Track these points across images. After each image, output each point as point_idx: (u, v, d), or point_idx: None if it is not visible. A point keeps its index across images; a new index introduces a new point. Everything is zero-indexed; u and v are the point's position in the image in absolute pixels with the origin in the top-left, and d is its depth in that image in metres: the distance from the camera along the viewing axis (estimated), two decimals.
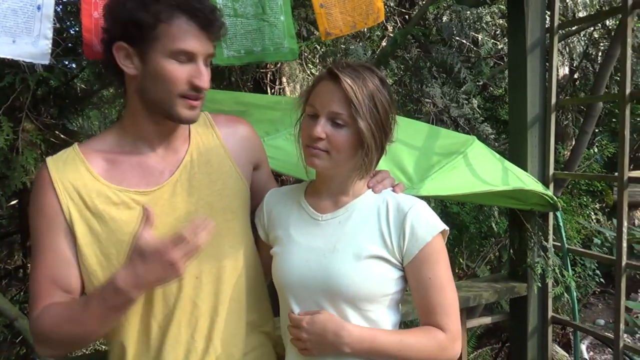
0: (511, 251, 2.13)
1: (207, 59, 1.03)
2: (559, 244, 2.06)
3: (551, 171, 2.03)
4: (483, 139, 2.60)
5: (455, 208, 3.20)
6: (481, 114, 2.93)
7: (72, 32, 2.12)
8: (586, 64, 4.06)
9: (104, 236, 1.01)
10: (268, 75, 2.66)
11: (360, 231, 1.06)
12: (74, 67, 2.26)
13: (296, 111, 1.10)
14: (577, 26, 3.44)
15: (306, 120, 1.06)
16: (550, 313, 2.11)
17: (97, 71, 2.15)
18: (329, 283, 1.03)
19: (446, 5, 3.17)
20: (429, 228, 1.04)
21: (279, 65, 2.64)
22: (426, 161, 1.55)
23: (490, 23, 3.43)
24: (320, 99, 1.02)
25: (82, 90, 2.49)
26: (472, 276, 3.78)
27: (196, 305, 1.06)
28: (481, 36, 3.45)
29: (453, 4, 3.12)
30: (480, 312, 3.25)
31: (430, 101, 2.82)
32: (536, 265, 1.99)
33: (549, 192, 1.93)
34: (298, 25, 2.40)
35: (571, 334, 3.83)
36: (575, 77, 4.39)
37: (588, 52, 3.92)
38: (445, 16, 3.24)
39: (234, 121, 1.21)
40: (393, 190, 1.12)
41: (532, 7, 1.93)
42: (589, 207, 4.36)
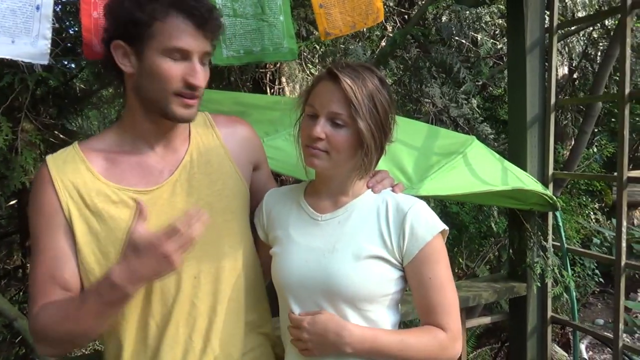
0: (510, 251, 2.13)
1: (203, 58, 1.02)
2: (559, 244, 2.06)
3: (550, 171, 2.03)
4: (482, 139, 2.60)
5: (454, 208, 3.20)
6: (480, 114, 2.93)
7: (72, 32, 2.12)
8: (585, 64, 4.06)
9: (103, 235, 1.01)
10: (267, 75, 2.66)
11: (359, 231, 1.06)
12: (73, 67, 2.26)
13: (295, 111, 1.10)
14: (576, 26, 3.45)
15: (305, 120, 1.06)
16: (549, 313, 2.11)
17: (96, 71, 2.15)
18: (329, 283, 1.03)
19: (445, 5, 3.17)
20: (429, 228, 1.04)
21: (279, 65, 2.63)
22: (425, 161, 1.55)
23: (489, 23, 3.43)
24: (319, 99, 1.02)
25: (81, 90, 2.48)
26: (472, 276, 3.78)
27: (194, 305, 1.06)
28: (480, 36, 3.45)
29: (452, 4, 3.12)
30: (479, 312, 3.25)
31: (429, 101, 2.82)
32: (535, 265, 1.99)
33: (549, 192, 1.93)
34: (297, 25, 2.40)
35: (570, 334, 3.83)
36: (574, 77, 4.39)
37: (587, 52, 3.92)
38: (444, 16, 3.24)
39: (234, 121, 1.21)
40: (392, 190, 1.12)
41: (532, 7, 1.93)
42: (588, 207, 4.37)
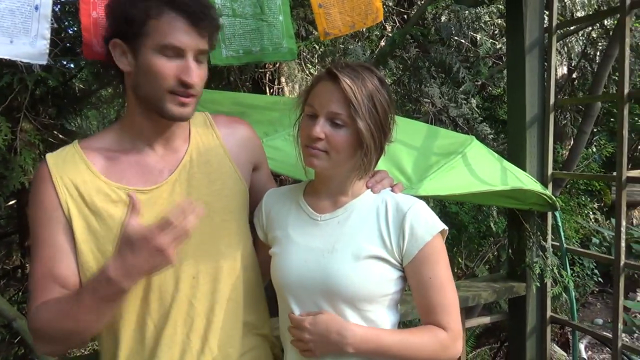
0: (510, 251, 2.13)
1: (199, 56, 1.01)
2: (558, 244, 2.06)
3: (550, 171, 2.03)
4: (482, 139, 2.60)
5: (454, 208, 3.20)
6: (480, 114, 2.93)
7: (71, 32, 2.11)
8: (584, 64, 4.06)
9: (102, 233, 1.01)
10: (267, 75, 2.66)
11: (359, 231, 1.06)
12: (73, 67, 2.25)
13: (295, 111, 1.10)
14: (576, 26, 3.45)
15: (305, 120, 1.05)
16: (548, 313, 2.11)
17: (96, 71, 2.15)
18: (328, 283, 1.03)
19: (445, 5, 3.17)
20: (429, 228, 1.04)
21: (278, 65, 2.64)
22: (425, 161, 1.55)
23: (488, 23, 3.42)
24: (319, 99, 1.02)
25: (81, 90, 2.48)
26: (471, 276, 3.79)
27: (192, 305, 1.06)
28: (480, 36, 3.45)
29: (451, 4, 3.12)
30: (479, 312, 3.25)
31: (429, 101, 2.82)
32: (535, 265, 1.99)
33: (548, 192, 1.93)
34: (297, 25, 2.40)
35: (570, 334, 3.84)
36: (573, 77, 4.39)
37: (586, 52, 3.93)
38: (443, 16, 3.24)
39: (234, 122, 1.21)
40: (392, 190, 1.12)
41: (531, 7, 1.94)
42: (588, 207, 4.38)
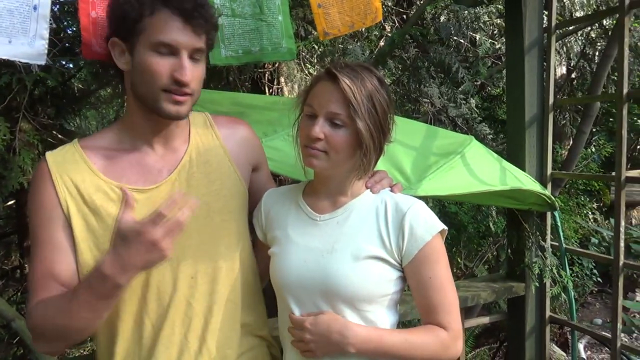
0: (509, 251, 2.13)
1: (194, 54, 1.01)
2: (557, 244, 2.06)
3: (549, 171, 2.03)
4: (481, 139, 2.60)
5: (453, 208, 3.20)
6: (479, 114, 2.93)
7: (70, 32, 2.11)
8: (583, 64, 4.07)
9: (100, 232, 1.01)
10: (266, 75, 2.66)
11: (358, 231, 1.06)
12: (72, 67, 2.25)
13: (294, 111, 1.10)
14: (575, 26, 3.45)
15: (304, 120, 1.05)
16: (547, 313, 2.11)
17: (95, 71, 2.14)
18: (327, 283, 1.03)
19: (444, 5, 3.18)
20: (428, 228, 1.04)
21: (277, 65, 2.63)
22: (424, 161, 1.55)
23: (487, 23, 3.43)
24: (318, 99, 1.02)
25: (80, 90, 2.48)
26: (470, 276, 3.79)
27: (190, 305, 1.05)
28: (479, 36, 3.46)
29: (451, 4, 3.12)
30: (478, 312, 3.26)
31: (428, 101, 2.82)
32: (534, 265, 1.99)
33: (547, 192, 1.93)
34: (296, 25, 2.40)
35: (569, 334, 3.84)
36: (572, 77, 4.40)
37: (585, 52, 3.93)
38: (443, 16, 3.24)
39: (234, 122, 1.21)
40: (391, 190, 1.12)
41: (530, 7, 1.94)
42: (587, 207, 4.38)
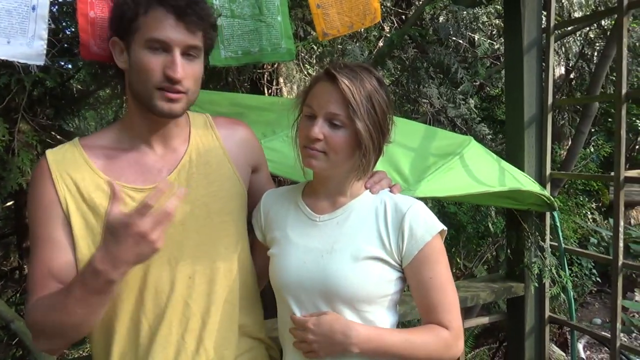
0: (508, 251, 2.13)
1: (187, 51, 1.01)
2: (556, 244, 2.06)
3: (548, 171, 2.04)
4: (480, 139, 2.60)
5: (452, 208, 3.20)
6: (478, 114, 2.94)
7: (68, 33, 2.11)
8: (582, 64, 4.07)
9: (99, 230, 1.01)
10: (265, 75, 2.66)
11: (358, 232, 1.06)
12: (70, 68, 2.25)
13: (293, 112, 1.10)
14: (573, 26, 3.46)
15: (303, 121, 1.05)
16: (547, 313, 2.11)
17: (94, 72, 2.14)
18: (327, 284, 1.03)
19: (443, 5, 3.18)
20: (428, 228, 1.04)
21: (276, 65, 2.63)
22: (422, 162, 1.55)
23: (486, 23, 3.43)
24: (317, 100, 1.02)
25: (78, 91, 2.47)
26: (470, 276, 3.79)
27: (188, 305, 1.05)
28: (478, 36, 3.46)
29: (449, 4, 3.12)
30: (477, 312, 3.26)
31: (427, 101, 2.82)
32: (533, 265, 1.99)
33: (546, 192, 1.93)
34: (295, 25, 2.40)
35: (568, 334, 3.84)
36: (571, 77, 4.40)
37: (584, 52, 3.94)
38: (441, 16, 3.24)
39: (234, 123, 1.21)
40: (390, 190, 1.12)
41: (529, 7, 1.94)
42: (586, 207, 4.38)
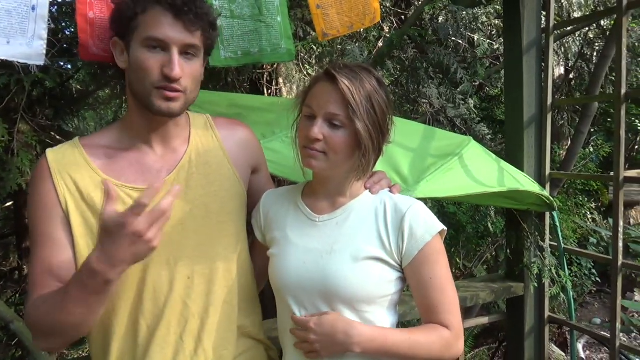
0: (508, 251, 2.14)
1: (185, 49, 1.01)
2: (556, 244, 2.06)
3: (547, 171, 2.04)
4: (479, 139, 2.60)
5: (452, 208, 3.20)
6: (477, 114, 2.94)
7: (68, 33, 2.11)
8: (581, 64, 4.08)
9: (97, 229, 1.00)
10: (265, 76, 2.66)
11: (358, 232, 1.06)
12: (70, 68, 2.24)
13: (293, 112, 1.10)
14: (573, 26, 3.46)
15: (303, 121, 1.05)
16: (547, 313, 2.11)
17: (93, 72, 2.14)
18: (326, 284, 1.03)
19: (442, 5, 3.18)
20: (428, 228, 1.04)
21: (276, 66, 2.63)
22: (421, 163, 1.54)
23: (486, 23, 3.44)
24: (317, 100, 1.02)
25: (78, 91, 2.47)
26: (469, 276, 3.79)
27: (186, 305, 1.05)
28: (477, 36, 3.46)
29: (449, 5, 3.12)
30: (477, 312, 3.26)
31: (426, 102, 2.82)
32: (533, 265, 2.00)
33: (545, 193, 1.93)
34: (294, 25, 2.40)
35: (568, 334, 3.84)
36: (570, 77, 4.40)
37: (583, 52, 3.94)
38: (441, 17, 3.24)
39: (234, 124, 1.21)
40: (390, 191, 1.12)
41: (528, 8, 1.94)
42: (585, 207, 4.39)
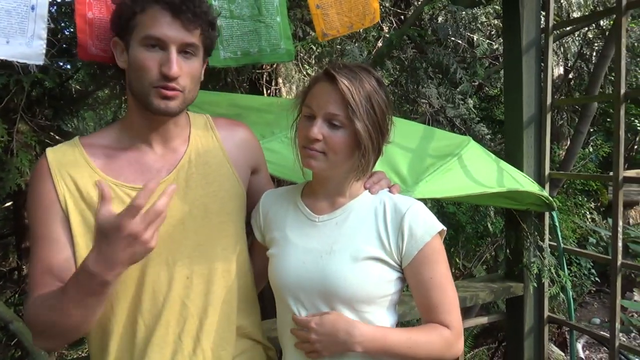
0: (507, 251, 2.14)
1: (183, 48, 1.00)
2: (555, 244, 2.06)
3: (547, 171, 2.04)
4: (479, 139, 2.61)
5: (451, 208, 3.20)
6: (477, 114, 2.94)
7: (67, 33, 2.11)
8: (581, 64, 4.08)
9: (94, 230, 1.00)
10: (264, 76, 2.66)
11: (357, 232, 1.06)
12: (69, 68, 2.24)
13: (292, 112, 1.10)
14: (572, 26, 3.46)
15: (303, 121, 1.05)
16: (546, 312, 2.12)
17: (92, 72, 2.14)
18: (326, 285, 1.03)
19: (441, 5, 3.18)
20: (427, 228, 1.04)
21: (275, 66, 2.63)
22: (420, 163, 1.54)
23: (485, 23, 3.44)
24: (316, 100, 1.02)
25: (77, 91, 2.48)
26: (469, 276, 3.79)
27: (185, 305, 1.05)
28: (476, 36, 3.46)
29: (448, 5, 3.13)
30: (476, 312, 3.26)
31: (426, 102, 2.82)
32: (532, 265, 2.00)
33: (545, 193, 1.93)
34: (294, 25, 2.40)
35: (567, 333, 3.84)
36: (570, 77, 4.41)
37: (583, 52, 3.94)
38: (440, 17, 3.24)
39: (234, 125, 1.21)
40: (389, 191, 1.12)
41: (527, 8, 1.94)
42: (584, 207, 4.39)
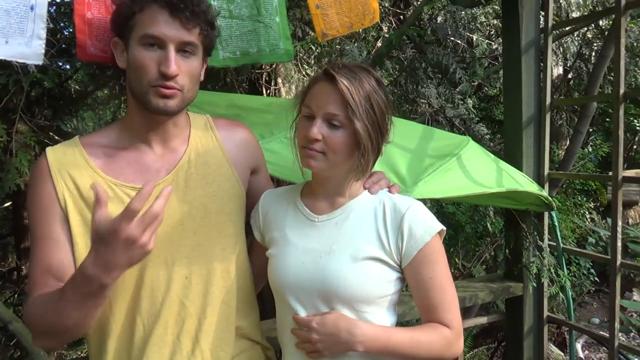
0: (507, 251, 2.14)
1: (182, 47, 1.00)
2: (554, 244, 2.07)
3: (546, 171, 2.04)
4: (478, 139, 2.61)
5: (451, 208, 3.21)
6: (476, 114, 2.94)
7: (66, 33, 2.11)
8: (580, 64, 4.09)
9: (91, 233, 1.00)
10: (263, 76, 2.66)
11: (357, 232, 1.06)
12: (68, 68, 2.25)
13: (292, 112, 1.10)
14: (571, 26, 3.46)
15: (302, 121, 1.05)
16: (545, 312, 2.12)
17: (92, 72, 2.14)
18: (326, 285, 1.03)
19: (441, 5, 3.18)
20: (427, 228, 1.04)
21: (275, 66, 2.63)
22: (420, 163, 1.54)
23: (484, 23, 3.44)
24: (316, 100, 1.02)
25: (77, 91, 2.48)
26: (468, 276, 3.79)
27: (184, 305, 1.05)
28: (476, 36, 3.46)
29: (448, 5, 3.13)
30: (476, 312, 3.26)
31: (425, 102, 2.82)
32: (531, 264, 2.00)
33: (544, 193, 1.93)
34: (293, 25, 2.40)
35: (566, 333, 3.85)
36: (569, 77, 4.41)
37: (582, 52, 3.95)
38: (440, 17, 3.25)
39: (234, 125, 1.21)
40: (389, 191, 1.12)
41: (527, 8, 1.94)
42: (584, 207, 4.39)
